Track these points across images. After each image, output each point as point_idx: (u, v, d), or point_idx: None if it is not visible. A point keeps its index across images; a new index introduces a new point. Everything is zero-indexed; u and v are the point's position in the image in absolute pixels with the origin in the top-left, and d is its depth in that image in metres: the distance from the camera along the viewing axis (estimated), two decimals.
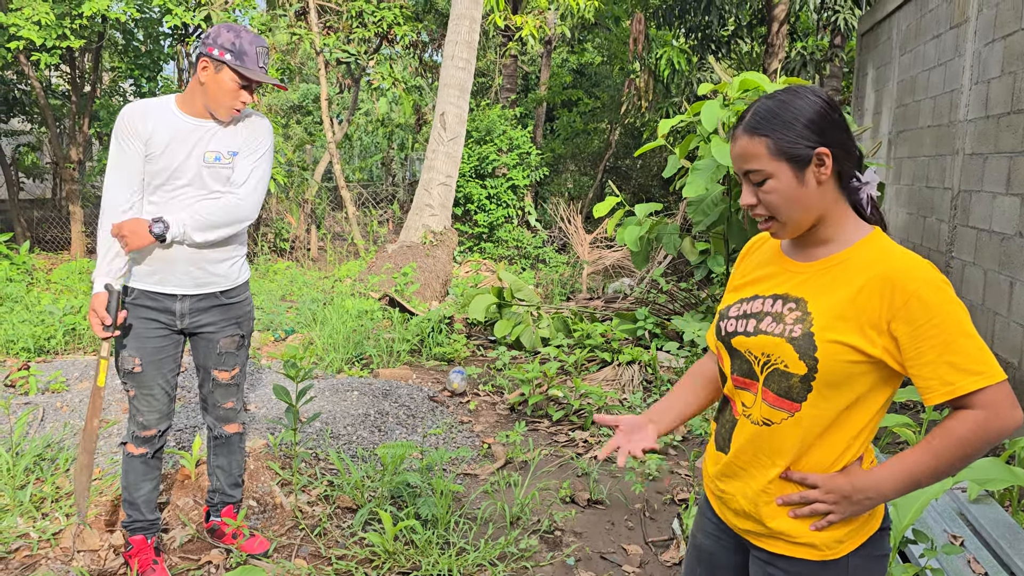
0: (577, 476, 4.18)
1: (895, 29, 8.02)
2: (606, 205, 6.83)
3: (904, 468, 1.45)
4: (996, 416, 1.39)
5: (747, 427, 1.59)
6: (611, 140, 15.70)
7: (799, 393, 1.50)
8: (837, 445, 1.51)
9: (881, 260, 1.46)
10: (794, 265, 1.59)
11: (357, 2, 11.53)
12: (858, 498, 1.47)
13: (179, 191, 2.78)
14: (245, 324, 3.03)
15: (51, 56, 9.26)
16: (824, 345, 1.46)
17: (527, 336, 6.79)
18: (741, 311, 1.62)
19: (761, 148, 1.49)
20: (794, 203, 1.49)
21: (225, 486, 3.17)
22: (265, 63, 2.77)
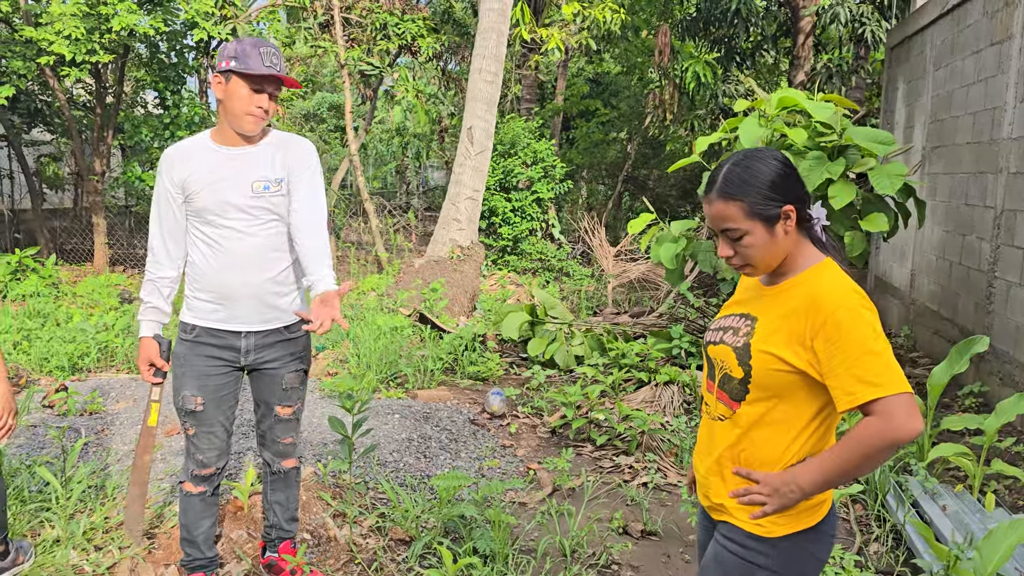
0: (627, 505, 4.11)
1: (928, 44, 7.94)
2: (640, 222, 6.77)
3: (817, 466, 1.68)
4: (890, 423, 1.59)
5: (708, 422, 1.91)
6: (629, 150, 15.65)
7: (738, 394, 1.79)
8: (777, 443, 1.77)
9: (814, 286, 1.72)
10: (761, 289, 1.88)
11: (381, 15, 11.52)
12: (785, 491, 1.70)
13: (232, 221, 2.73)
14: (306, 358, 2.98)
15: (80, 71, 9.27)
16: (756, 355, 1.75)
17: (561, 354, 6.73)
18: (718, 324, 1.92)
19: (736, 211, 1.74)
20: (767, 253, 1.77)
21: (282, 521, 3.12)
22: (273, 63, 2.67)
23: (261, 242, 2.76)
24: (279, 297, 2.83)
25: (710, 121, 12.29)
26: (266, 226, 2.77)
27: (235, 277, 2.75)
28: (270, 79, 2.67)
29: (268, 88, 2.68)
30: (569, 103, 16.88)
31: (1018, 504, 4.09)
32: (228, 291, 2.76)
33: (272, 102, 2.73)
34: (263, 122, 2.73)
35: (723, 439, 1.84)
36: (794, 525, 1.76)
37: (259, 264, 2.77)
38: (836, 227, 5.60)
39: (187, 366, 2.80)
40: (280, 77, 2.68)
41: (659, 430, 4.95)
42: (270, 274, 2.80)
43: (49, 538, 3.31)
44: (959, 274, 6.67)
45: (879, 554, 3.55)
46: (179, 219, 2.79)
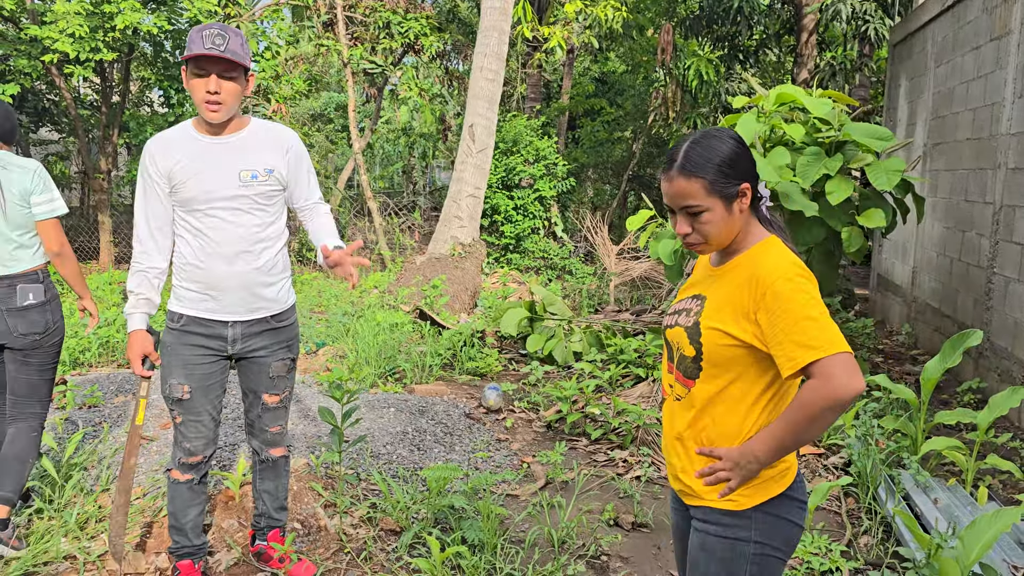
0: (619, 498, 4.12)
1: (930, 40, 7.92)
2: (639, 218, 6.77)
3: (770, 435, 1.72)
4: (829, 383, 1.62)
5: (671, 403, 1.94)
6: (634, 149, 15.64)
7: (692, 372, 1.83)
8: (734, 418, 1.80)
9: (756, 261, 1.77)
10: (710, 270, 1.91)
11: (384, 13, 11.55)
12: (743, 463, 1.75)
13: (219, 211, 2.73)
14: (294, 347, 3.00)
15: (84, 69, 9.34)
16: (705, 331, 1.79)
17: (559, 351, 6.74)
18: (673, 309, 1.97)
19: (698, 188, 1.76)
20: (723, 230, 1.79)
21: (271, 510, 3.15)
22: (216, 43, 2.56)
23: (248, 232, 2.77)
24: (266, 287, 2.85)
25: (713, 119, 12.28)
26: (253, 215, 2.78)
27: (222, 267, 2.75)
28: (213, 60, 2.59)
29: (213, 70, 2.61)
30: (574, 102, 16.88)
31: (1012, 498, 4.08)
32: (215, 281, 2.76)
33: (228, 83, 2.64)
34: (224, 107, 2.65)
35: (683, 418, 1.87)
36: (763, 494, 1.79)
37: (246, 254, 2.78)
38: (833, 223, 5.59)
39: (174, 355, 2.81)
40: (224, 57, 2.57)
41: (654, 425, 4.95)
42: (257, 264, 2.81)
43: (42, 527, 3.34)
44: (959, 270, 6.65)
45: (869, 546, 3.55)
46: (166, 209, 2.78)
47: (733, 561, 1.80)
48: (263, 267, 2.82)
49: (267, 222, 2.82)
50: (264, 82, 11.08)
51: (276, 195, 2.84)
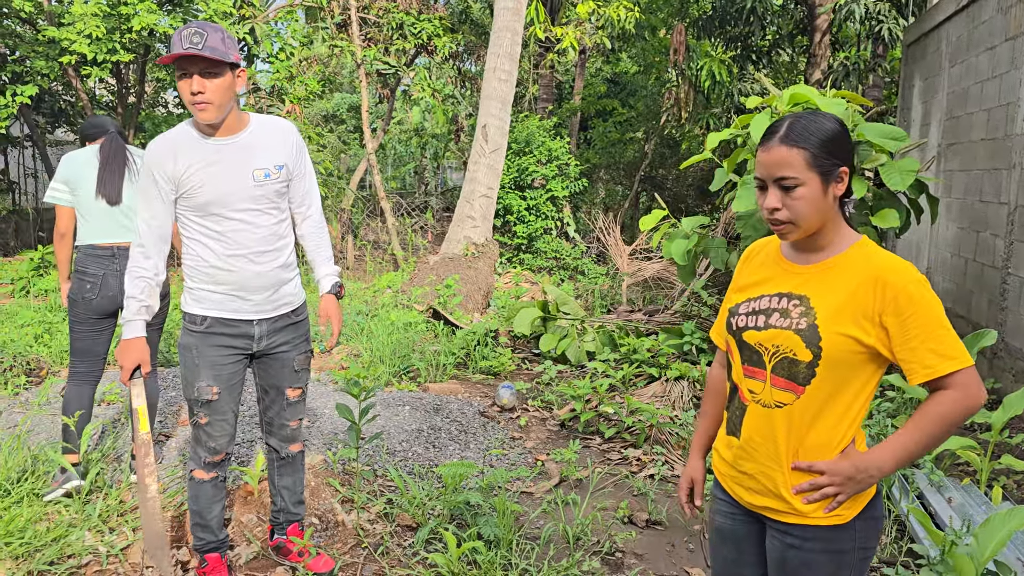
0: (633, 495, 4.14)
1: (944, 40, 7.90)
2: (652, 218, 6.79)
3: (899, 445, 1.68)
4: (967, 395, 1.64)
5: (758, 411, 1.81)
6: (647, 150, 15.64)
7: (804, 378, 1.73)
8: (836, 425, 1.74)
9: (873, 262, 1.70)
10: (793, 267, 1.82)
11: (398, 14, 11.61)
12: (861, 477, 1.70)
13: (240, 214, 2.72)
14: (309, 340, 3.06)
15: (101, 70, 9.43)
16: (829, 335, 1.70)
17: (572, 350, 6.77)
18: (750, 308, 1.84)
19: (798, 158, 1.69)
20: (815, 210, 1.71)
21: (289, 504, 3.19)
22: (194, 42, 2.51)
23: (268, 231, 2.79)
24: (287, 283, 2.90)
25: (725, 119, 12.27)
26: (270, 215, 2.80)
27: (249, 268, 2.75)
28: (192, 60, 2.54)
29: (193, 70, 2.55)
30: (586, 103, 16.89)
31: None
32: (243, 282, 2.76)
33: (212, 81, 2.57)
34: (213, 106, 2.59)
35: (783, 428, 1.78)
36: (863, 501, 1.77)
37: (270, 252, 2.80)
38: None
39: (201, 357, 2.79)
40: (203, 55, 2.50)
41: (668, 424, 4.98)
42: (280, 261, 2.84)
43: (64, 521, 3.39)
44: (973, 271, 6.64)
45: (883, 545, 3.56)
46: (168, 214, 2.75)
47: (838, 572, 1.77)
48: (284, 264, 2.87)
49: (280, 219, 2.85)
50: (278, 83, 11.16)
51: (286, 191, 2.87)
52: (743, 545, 1.94)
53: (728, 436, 1.90)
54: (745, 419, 1.85)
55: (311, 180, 2.96)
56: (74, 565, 3.12)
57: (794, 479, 1.77)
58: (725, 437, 1.92)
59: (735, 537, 1.94)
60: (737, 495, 1.89)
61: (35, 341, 6.37)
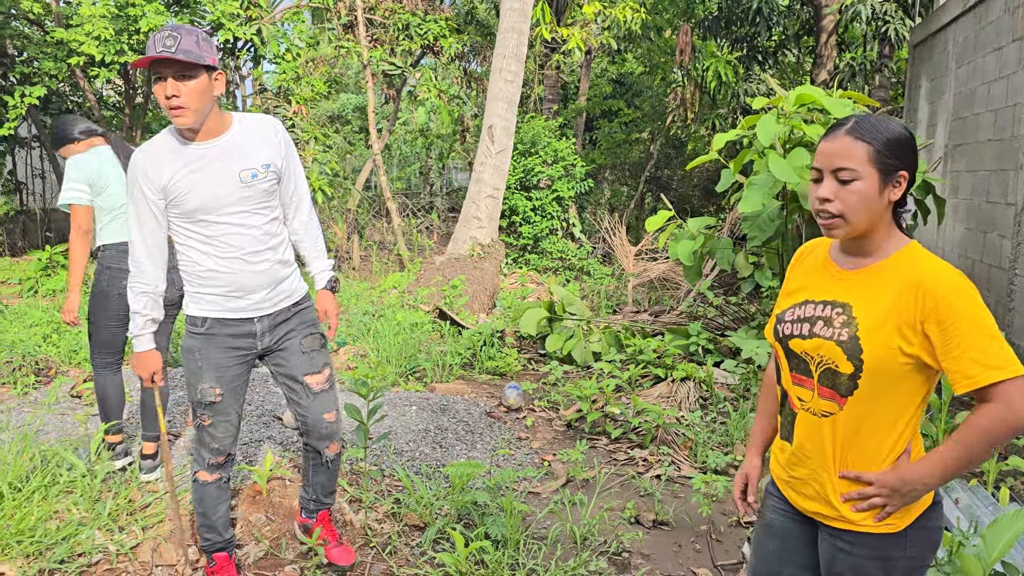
0: (640, 496, 4.15)
1: (951, 41, 7.89)
2: (659, 219, 6.79)
3: (941, 461, 1.65)
4: (1011, 408, 1.58)
5: (808, 419, 1.81)
6: (652, 150, 15.64)
7: (846, 390, 1.71)
8: (887, 434, 1.72)
9: (915, 268, 1.67)
10: (841, 272, 1.79)
11: (404, 15, 11.63)
12: (907, 490, 1.68)
13: (228, 217, 2.70)
14: (318, 325, 3.02)
15: (109, 71, 9.47)
16: (870, 347, 1.67)
17: (579, 351, 6.77)
18: (796, 315, 1.83)
19: (862, 152, 1.66)
20: (866, 208, 1.68)
21: (321, 496, 3.20)
22: (167, 45, 2.45)
23: (261, 231, 2.77)
24: (284, 279, 2.89)
25: (731, 120, 12.27)
26: (260, 215, 2.76)
27: (245, 269, 2.75)
28: (166, 63, 2.49)
29: (167, 73, 2.50)
30: (591, 103, 16.90)
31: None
32: (241, 283, 2.76)
33: (186, 84, 2.52)
34: (189, 110, 2.55)
35: (829, 436, 1.77)
36: (918, 510, 1.74)
37: (264, 252, 2.80)
38: None
39: (204, 359, 2.79)
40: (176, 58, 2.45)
41: (674, 424, 4.98)
42: (276, 258, 2.84)
43: (74, 519, 3.41)
44: (981, 272, 6.63)
45: None
46: (161, 225, 2.73)
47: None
48: (281, 260, 2.86)
49: (272, 217, 2.82)
50: (285, 84, 11.19)
51: (275, 189, 2.83)
52: (790, 543, 1.93)
53: (782, 441, 1.92)
54: (796, 426, 1.85)
55: (300, 176, 2.92)
56: (84, 564, 3.14)
57: (843, 487, 1.76)
58: (779, 441, 1.93)
59: (784, 533, 1.94)
60: (791, 498, 1.90)
61: (44, 341, 6.40)
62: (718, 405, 5.50)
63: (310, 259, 3.05)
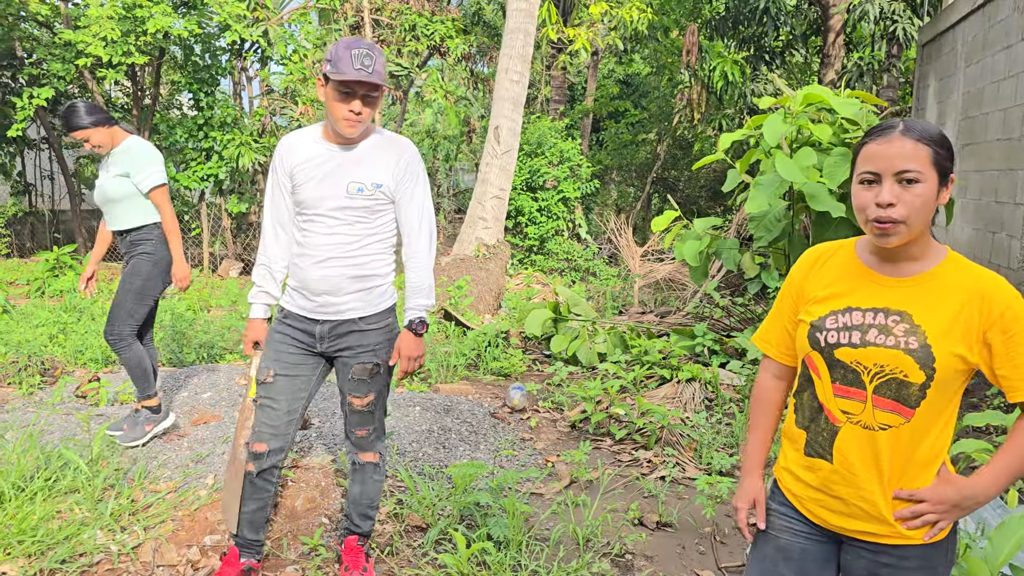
0: (644, 497, 4.13)
1: (960, 40, 7.85)
2: (664, 219, 6.78)
3: (1003, 470, 1.65)
4: None
5: (857, 433, 1.73)
6: (659, 151, 15.61)
7: (916, 400, 1.66)
8: (934, 444, 1.70)
9: (975, 277, 1.65)
10: (885, 280, 1.73)
11: (411, 16, 11.64)
12: (967, 504, 1.67)
13: (322, 217, 2.79)
14: (381, 352, 2.93)
15: (116, 72, 9.50)
16: (943, 356, 1.64)
17: (584, 351, 6.75)
18: (840, 323, 1.74)
19: (925, 154, 1.62)
20: (926, 211, 1.64)
21: (353, 515, 3.12)
22: (365, 64, 2.60)
23: (342, 240, 2.80)
24: (354, 292, 2.85)
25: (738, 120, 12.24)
26: (352, 226, 2.80)
27: (313, 270, 2.82)
28: (361, 83, 2.62)
29: (360, 91, 2.63)
30: (598, 104, 16.89)
31: None
32: (307, 282, 2.84)
33: (368, 106, 2.68)
34: (360, 126, 2.70)
35: (888, 449, 1.71)
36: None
37: (336, 260, 2.81)
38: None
39: (270, 344, 2.93)
40: (371, 81, 2.61)
41: (679, 425, 4.96)
42: (347, 271, 2.82)
43: (76, 519, 3.41)
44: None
45: None
46: (288, 206, 2.89)
47: None
48: (353, 274, 2.83)
49: (366, 233, 2.82)
50: (291, 85, 11.20)
51: (383, 209, 2.84)
52: (808, 566, 1.85)
53: (809, 458, 1.81)
54: (838, 441, 1.75)
55: (419, 212, 2.89)
56: (85, 563, 3.14)
57: (896, 505, 1.72)
58: (804, 459, 1.82)
59: (803, 557, 1.85)
60: (820, 517, 1.82)
61: (50, 341, 6.42)
62: (723, 406, 5.47)
63: (407, 294, 2.96)
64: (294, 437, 3.00)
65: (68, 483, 3.68)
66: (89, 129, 4.12)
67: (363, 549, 3.13)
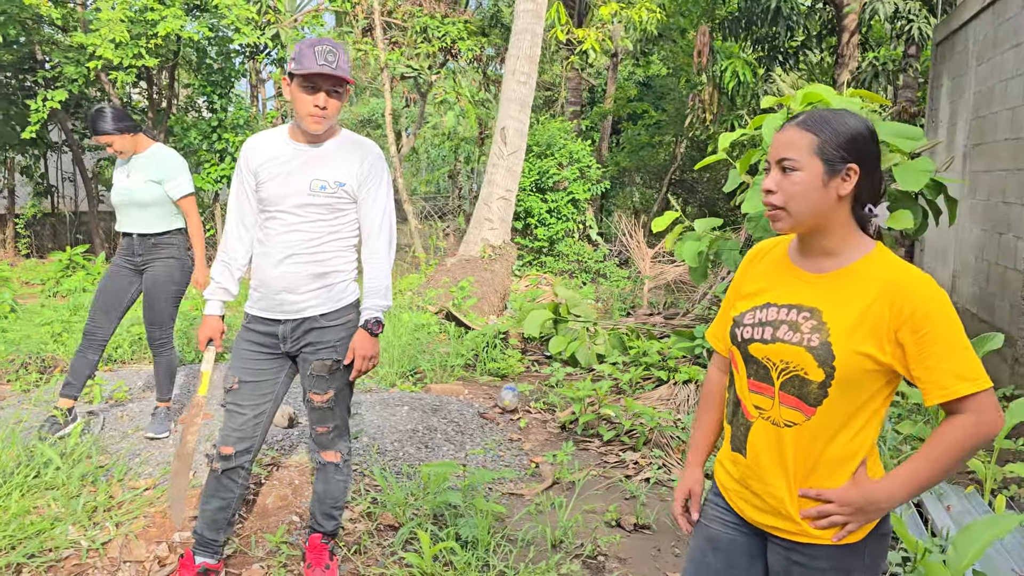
0: (625, 499, 4.08)
1: (971, 38, 7.70)
2: (665, 220, 6.70)
3: (909, 476, 1.59)
4: (983, 420, 1.55)
5: (767, 429, 1.72)
6: (676, 153, 15.50)
7: (816, 399, 1.64)
8: (848, 443, 1.65)
9: (889, 273, 1.61)
10: (804, 275, 1.72)
11: (422, 18, 11.67)
12: (872, 508, 1.62)
13: (283, 215, 2.81)
14: (342, 348, 2.92)
15: (127, 74, 9.61)
16: (844, 354, 1.60)
17: (582, 353, 6.71)
18: (756, 319, 1.74)
19: (805, 142, 1.62)
20: (808, 201, 1.63)
21: (317, 512, 3.11)
22: (328, 60, 2.64)
23: (301, 237, 2.82)
24: (313, 290, 2.86)
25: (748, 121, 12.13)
26: (313, 223, 2.82)
27: (273, 268, 2.84)
28: (324, 77, 2.66)
29: (324, 86, 2.68)
30: (617, 106, 16.82)
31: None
32: (266, 280, 2.86)
33: (333, 99, 2.71)
34: (326, 121, 2.74)
35: (792, 447, 1.69)
36: (875, 521, 1.69)
37: (296, 257, 2.82)
38: None
39: (235, 350, 2.95)
40: (336, 75, 2.65)
41: (669, 427, 4.90)
42: (307, 268, 2.83)
43: (51, 515, 3.44)
44: (996, 274, 6.45)
45: None
46: (252, 205, 2.91)
47: None
48: (312, 272, 2.84)
49: (327, 231, 2.84)
50: None
51: (345, 208, 2.86)
52: (736, 558, 1.84)
53: (733, 452, 1.81)
54: (751, 436, 1.75)
55: (381, 213, 2.90)
56: (53, 559, 3.16)
57: (803, 503, 1.69)
58: (730, 452, 1.83)
59: (731, 548, 1.85)
60: (740, 510, 1.81)
61: (52, 340, 6.50)
62: None
63: (364, 294, 2.96)
64: (263, 438, 3.00)
65: (49, 479, 3.71)
66: (114, 135, 4.25)
67: (327, 547, 3.12)
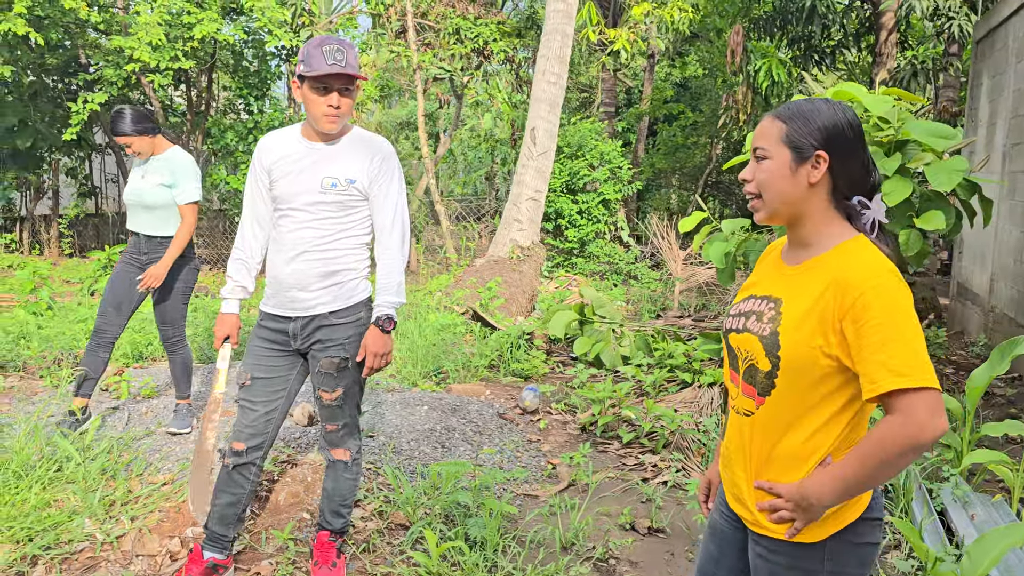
0: (641, 502, 4.04)
1: (1011, 36, 7.50)
2: (692, 220, 6.63)
3: (834, 474, 1.53)
4: (911, 421, 1.43)
5: (735, 418, 1.75)
6: (712, 154, 15.33)
7: (764, 388, 1.64)
8: (808, 439, 1.61)
9: (843, 264, 1.57)
10: (784, 268, 1.73)
11: (454, 20, 11.70)
12: (805, 505, 1.57)
13: (295, 213, 2.84)
14: (351, 346, 2.93)
15: (163, 77, 9.78)
16: (787, 345, 1.59)
17: (607, 354, 6.66)
18: (738, 310, 1.77)
19: (775, 131, 1.64)
20: (777, 187, 1.64)
21: (325, 510, 3.12)
22: (337, 59, 2.65)
23: (312, 235, 2.84)
24: (324, 288, 2.88)
25: None
26: (323, 221, 2.84)
27: (284, 266, 2.87)
28: (336, 76, 2.69)
29: (336, 85, 2.71)
30: (653, 106, 16.69)
31: None
32: (279, 276, 2.90)
33: (346, 98, 2.74)
34: (340, 120, 2.77)
35: (748, 437, 1.70)
36: (838, 523, 1.62)
37: (308, 255, 2.85)
38: (892, 225, 5.35)
39: (250, 347, 2.99)
40: (347, 73, 2.67)
41: (691, 430, 4.83)
42: (317, 266, 2.86)
43: (69, 508, 3.50)
44: None
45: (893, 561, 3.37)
46: (266, 202, 2.95)
47: None
48: (322, 269, 2.86)
49: (338, 229, 2.86)
50: None
51: (356, 206, 2.88)
52: (725, 548, 1.87)
53: (724, 441, 1.86)
54: (728, 424, 1.80)
55: (393, 210, 2.91)
56: (67, 551, 3.21)
57: (759, 495, 1.69)
58: (723, 441, 1.88)
59: (722, 537, 1.88)
60: (727, 498, 1.83)
61: (85, 337, 6.62)
62: None
63: (377, 291, 2.96)
64: (275, 435, 3.02)
65: (70, 473, 3.78)
66: (132, 136, 4.30)
67: (335, 545, 3.13)
